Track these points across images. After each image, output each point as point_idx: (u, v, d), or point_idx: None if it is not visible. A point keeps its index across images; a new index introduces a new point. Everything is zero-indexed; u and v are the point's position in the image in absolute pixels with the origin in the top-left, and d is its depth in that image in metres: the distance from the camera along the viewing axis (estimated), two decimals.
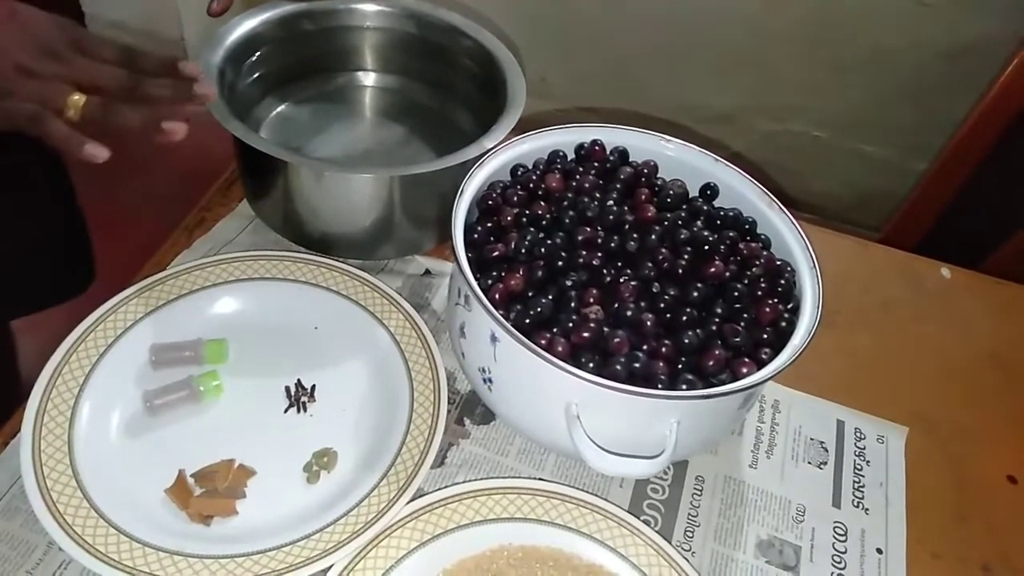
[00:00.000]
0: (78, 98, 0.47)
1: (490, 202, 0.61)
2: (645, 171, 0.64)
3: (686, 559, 0.52)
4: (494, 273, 0.56)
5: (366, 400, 0.59)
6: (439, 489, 0.54)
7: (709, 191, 0.65)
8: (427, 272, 0.70)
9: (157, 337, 0.59)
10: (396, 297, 0.64)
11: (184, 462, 0.54)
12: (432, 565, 0.51)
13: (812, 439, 0.63)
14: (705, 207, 0.62)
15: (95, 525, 0.48)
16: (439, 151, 0.75)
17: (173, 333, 0.59)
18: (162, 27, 1.84)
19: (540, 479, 0.57)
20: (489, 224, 0.60)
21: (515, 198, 0.61)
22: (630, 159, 0.66)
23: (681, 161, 0.66)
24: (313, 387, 0.59)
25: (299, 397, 0.59)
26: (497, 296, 0.55)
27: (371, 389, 0.60)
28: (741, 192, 0.64)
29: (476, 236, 0.59)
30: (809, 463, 0.62)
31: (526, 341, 0.50)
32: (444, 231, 0.71)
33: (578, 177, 0.63)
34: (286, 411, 0.58)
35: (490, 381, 0.56)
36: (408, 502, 0.52)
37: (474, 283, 0.52)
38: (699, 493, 0.59)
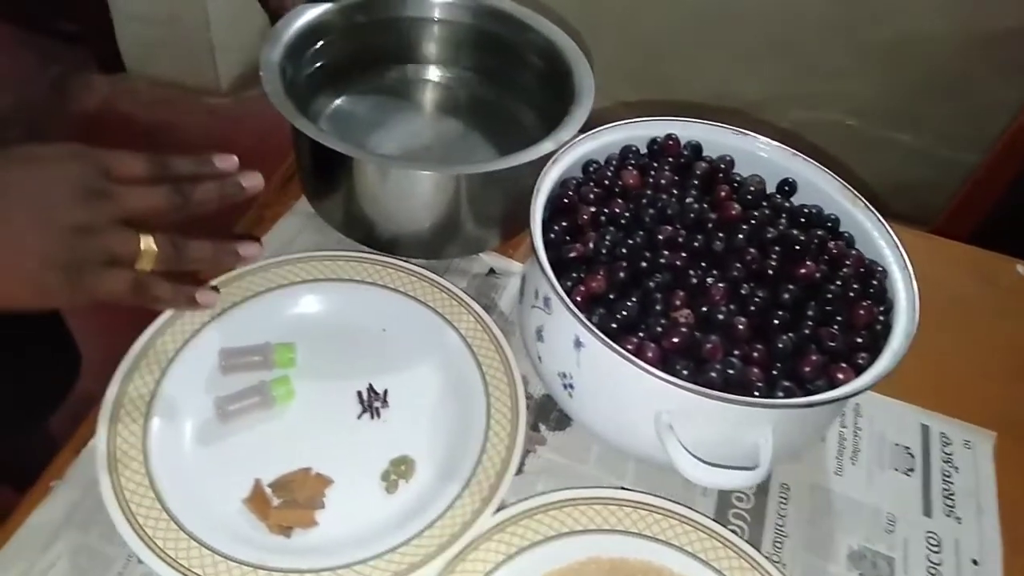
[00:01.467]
0: (145, 247, 0.43)
1: (565, 200, 0.58)
2: (722, 166, 0.62)
3: (781, 572, 0.50)
4: (573, 274, 0.54)
5: (440, 405, 0.58)
6: (522, 500, 0.52)
7: (787, 187, 0.62)
8: (492, 271, 0.68)
9: (225, 341, 0.57)
10: (465, 298, 0.62)
11: (259, 471, 0.52)
12: None
13: (897, 445, 0.61)
14: (786, 204, 0.60)
15: (176, 538, 0.47)
16: (499, 146, 0.73)
17: (241, 337, 0.58)
18: (187, 14, 1.80)
19: (623, 488, 0.55)
20: (564, 223, 0.58)
21: (591, 196, 0.59)
22: (703, 153, 0.64)
23: (754, 155, 0.63)
24: (385, 392, 0.57)
25: (372, 402, 0.57)
26: (579, 299, 0.53)
27: (444, 394, 0.58)
28: (820, 187, 0.62)
29: (552, 236, 0.56)
30: (896, 470, 0.59)
31: (616, 347, 0.48)
32: (509, 229, 0.69)
33: (654, 173, 0.61)
34: (359, 417, 0.56)
35: (571, 387, 0.54)
36: (493, 513, 0.51)
37: (558, 286, 0.50)
38: (785, 501, 0.57)
